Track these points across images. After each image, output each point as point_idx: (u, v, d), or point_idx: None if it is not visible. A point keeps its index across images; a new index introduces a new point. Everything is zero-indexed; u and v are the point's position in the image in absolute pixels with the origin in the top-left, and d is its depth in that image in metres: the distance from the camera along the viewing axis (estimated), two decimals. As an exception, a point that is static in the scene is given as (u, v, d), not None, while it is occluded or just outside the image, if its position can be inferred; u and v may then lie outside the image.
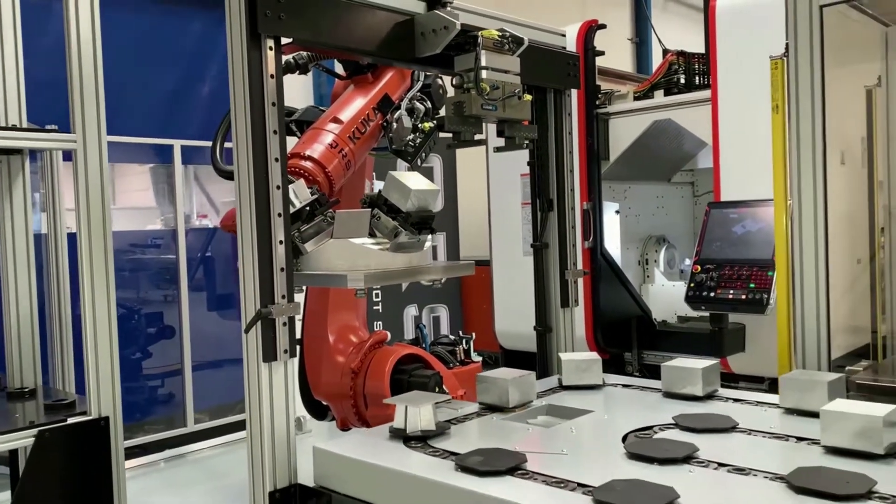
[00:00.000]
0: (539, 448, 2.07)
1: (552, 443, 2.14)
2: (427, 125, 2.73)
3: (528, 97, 2.52)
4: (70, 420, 2.62)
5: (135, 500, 2.97)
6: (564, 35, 3.14)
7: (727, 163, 4.17)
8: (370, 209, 2.41)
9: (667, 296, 4.97)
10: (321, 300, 3.07)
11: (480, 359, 3.30)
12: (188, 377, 5.44)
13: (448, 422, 2.30)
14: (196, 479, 4.61)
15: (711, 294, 3.98)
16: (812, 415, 2.16)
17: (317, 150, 2.63)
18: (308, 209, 2.34)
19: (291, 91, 2.30)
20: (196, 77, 5.95)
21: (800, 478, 1.69)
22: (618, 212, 4.99)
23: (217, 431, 5.38)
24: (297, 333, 2.34)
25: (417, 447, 2.09)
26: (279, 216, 2.15)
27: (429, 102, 2.83)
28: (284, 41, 2.22)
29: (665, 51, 5.05)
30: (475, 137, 2.46)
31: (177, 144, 5.42)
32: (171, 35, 5.88)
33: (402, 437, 2.15)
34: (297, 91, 6.01)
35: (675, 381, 2.54)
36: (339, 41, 2.34)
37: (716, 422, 2.19)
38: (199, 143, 5.48)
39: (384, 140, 2.81)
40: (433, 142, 2.78)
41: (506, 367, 2.69)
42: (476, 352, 3.29)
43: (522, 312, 3.52)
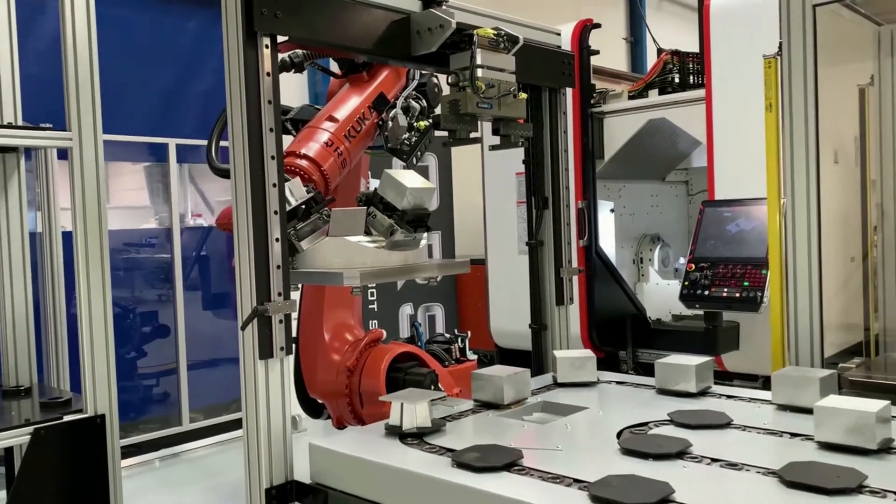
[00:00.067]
0: (534, 444, 2.08)
1: (547, 439, 2.15)
2: (422, 124, 2.74)
3: (524, 95, 2.53)
4: (66, 418, 2.62)
5: (130, 500, 2.97)
6: (559, 34, 3.15)
7: (721, 162, 4.19)
8: (366, 207, 2.42)
9: (661, 294, 4.98)
10: (317, 298, 3.07)
11: (476, 357, 3.31)
12: (183, 376, 5.44)
13: (443, 419, 2.31)
14: (191, 478, 4.61)
15: (706, 292, 4.00)
16: (804, 411, 2.18)
17: (312, 149, 2.64)
18: (304, 207, 2.34)
19: (287, 90, 2.30)
20: (191, 75, 5.93)
21: (791, 472, 1.71)
22: (612, 210, 5.01)
23: (212, 430, 5.39)
24: (293, 332, 2.35)
25: (413, 444, 2.10)
26: (275, 214, 2.16)
27: (424, 101, 2.84)
28: (280, 39, 2.22)
29: (659, 50, 5.06)
30: (470, 135, 2.47)
31: (172, 143, 5.42)
32: (166, 33, 5.86)
33: (398, 434, 2.16)
34: (293, 90, 5.99)
35: (669, 378, 2.55)
36: (335, 39, 2.34)
37: (710, 418, 2.20)
38: (195, 142, 5.48)
39: (380, 138, 2.81)
40: (429, 140, 2.79)
41: (500, 365, 2.69)
42: (471, 350, 3.30)
43: (517, 311, 3.54)
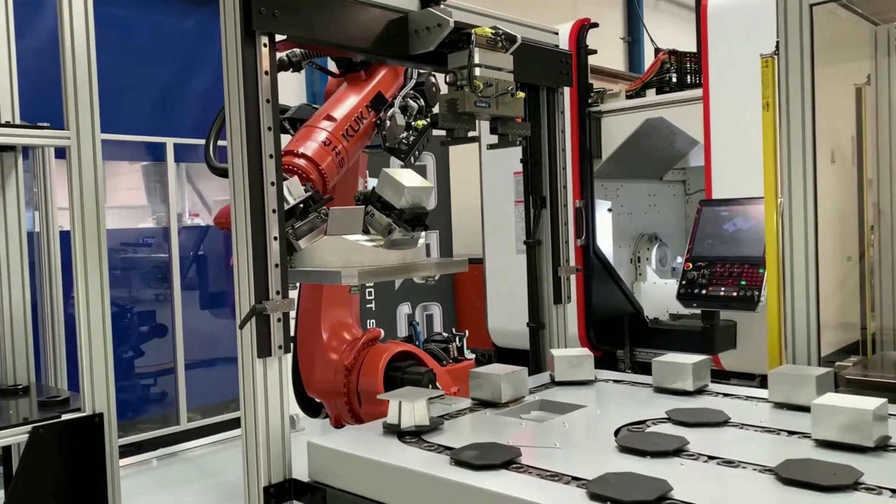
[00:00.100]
0: (532, 442, 2.09)
1: (545, 437, 2.15)
2: (420, 123, 2.74)
3: (521, 95, 2.53)
4: (64, 417, 2.61)
5: (128, 499, 2.96)
6: (557, 33, 3.16)
7: (718, 161, 4.19)
8: (364, 206, 2.42)
9: (659, 293, 4.98)
10: (314, 297, 3.07)
11: (474, 356, 3.31)
12: (181, 375, 5.44)
13: (441, 417, 2.31)
14: (189, 478, 4.60)
15: (703, 291, 4.00)
16: (800, 409, 2.19)
17: (310, 148, 2.63)
18: (302, 206, 2.34)
19: (284, 89, 2.30)
20: (189, 75, 5.92)
21: (788, 469, 1.71)
22: (610, 210, 5.01)
23: (210, 430, 5.38)
24: (291, 331, 2.35)
25: (412, 442, 2.11)
26: (273, 212, 2.16)
27: (422, 100, 2.84)
28: (278, 38, 2.23)
29: (657, 50, 5.07)
30: (468, 135, 2.48)
31: (169, 142, 5.41)
32: (165, 32, 5.86)
33: (397, 433, 2.16)
34: (291, 89, 5.99)
35: (666, 377, 2.56)
36: (333, 38, 2.35)
37: (708, 416, 2.21)
38: (192, 141, 5.47)
39: (377, 138, 2.82)
40: (426, 139, 2.79)
41: (498, 364, 2.70)
42: (469, 349, 3.30)
43: (515, 310, 3.54)
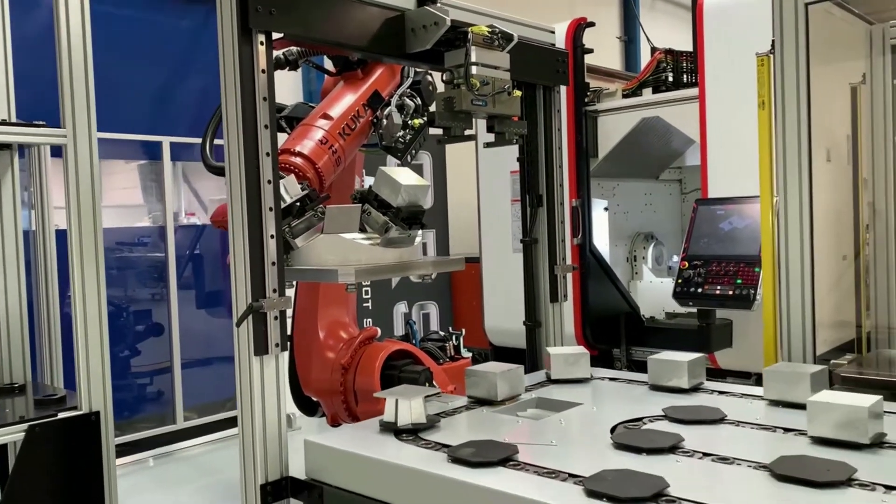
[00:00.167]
0: (529, 440, 2.09)
1: (542, 434, 2.16)
2: (417, 121, 2.74)
3: (518, 93, 2.53)
4: (61, 415, 2.61)
5: (125, 499, 2.96)
6: (554, 32, 3.16)
7: (714, 160, 4.20)
8: (361, 205, 2.42)
9: (655, 292, 4.99)
10: (311, 296, 3.08)
11: (470, 355, 3.32)
12: (177, 374, 5.43)
13: (438, 415, 2.32)
14: (185, 477, 4.61)
15: (699, 290, 4.01)
16: (796, 406, 2.20)
17: (307, 147, 2.64)
18: (298, 205, 2.35)
19: (281, 87, 2.30)
20: (185, 73, 5.92)
21: (782, 466, 1.72)
22: (606, 209, 5.01)
23: (206, 429, 5.38)
24: (287, 329, 2.35)
25: (409, 440, 2.11)
26: (270, 211, 2.16)
27: (419, 99, 2.84)
28: (275, 36, 2.22)
29: (653, 49, 5.09)
30: (465, 133, 2.48)
31: (165, 141, 5.41)
32: (161, 31, 5.85)
33: (393, 431, 2.16)
34: (287, 87, 5.99)
35: (662, 374, 2.56)
36: (330, 36, 2.35)
37: (704, 413, 2.21)
38: (189, 140, 5.47)
39: (374, 136, 2.82)
40: (423, 138, 2.79)
41: (494, 362, 2.70)
42: (466, 348, 3.31)
43: (512, 309, 3.54)
